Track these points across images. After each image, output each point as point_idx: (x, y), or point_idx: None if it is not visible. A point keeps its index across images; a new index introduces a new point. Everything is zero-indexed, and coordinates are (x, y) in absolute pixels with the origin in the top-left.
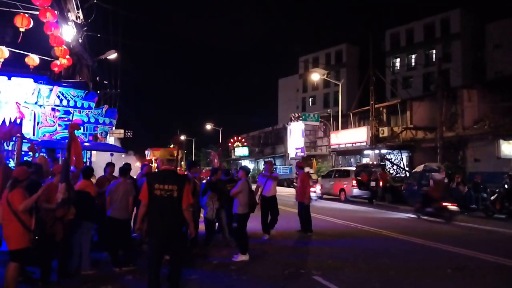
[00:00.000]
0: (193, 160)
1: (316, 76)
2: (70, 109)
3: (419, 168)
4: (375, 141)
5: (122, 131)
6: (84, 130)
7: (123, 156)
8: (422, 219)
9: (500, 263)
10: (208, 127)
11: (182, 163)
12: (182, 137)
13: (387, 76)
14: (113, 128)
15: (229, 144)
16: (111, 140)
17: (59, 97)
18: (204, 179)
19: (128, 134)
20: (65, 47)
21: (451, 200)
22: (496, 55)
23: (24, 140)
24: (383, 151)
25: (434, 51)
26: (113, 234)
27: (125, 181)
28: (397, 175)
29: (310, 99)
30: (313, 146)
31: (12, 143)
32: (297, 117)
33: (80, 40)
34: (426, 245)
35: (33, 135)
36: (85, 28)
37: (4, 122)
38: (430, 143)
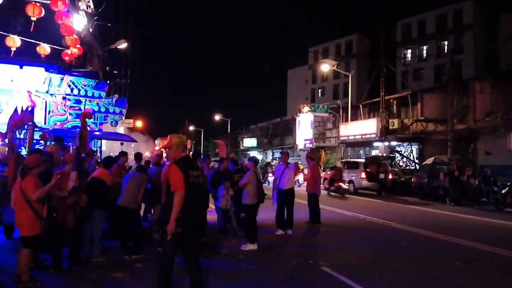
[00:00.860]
0: (207, 153)
1: (325, 67)
2: (81, 98)
3: (429, 160)
4: (385, 133)
5: (131, 120)
6: (94, 119)
7: (132, 145)
8: (331, 195)
9: (510, 257)
10: (217, 117)
11: (190, 153)
12: (191, 128)
13: (398, 68)
14: (123, 118)
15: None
16: (120, 130)
17: (70, 86)
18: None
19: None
20: (76, 37)
21: (344, 182)
22: (510, 46)
23: (35, 129)
24: (393, 143)
25: (446, 42)
26: (123, 223)
27: (141, 174)
28: (407, 168)
29: (320, 90)
30: (322, 137)
31: (24, 131)
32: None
33: (90, 30)
34: (435, 237)
35: (45, 123)
36: (95, 17)
37: (16, 110)
38: (441, 136)
